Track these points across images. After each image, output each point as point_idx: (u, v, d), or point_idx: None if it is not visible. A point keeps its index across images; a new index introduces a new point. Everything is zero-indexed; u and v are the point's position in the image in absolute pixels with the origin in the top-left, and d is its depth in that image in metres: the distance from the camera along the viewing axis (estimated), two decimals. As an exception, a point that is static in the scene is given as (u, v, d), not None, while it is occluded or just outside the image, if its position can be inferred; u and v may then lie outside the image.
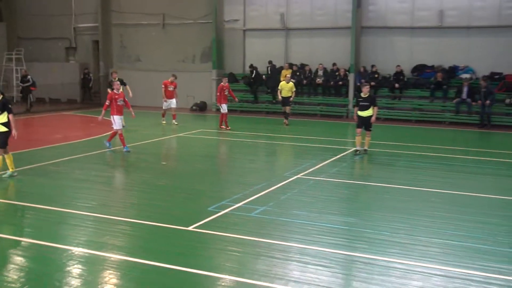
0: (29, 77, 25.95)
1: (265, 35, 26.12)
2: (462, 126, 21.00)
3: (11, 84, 29.23)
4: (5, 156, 11.69)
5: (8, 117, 11.48)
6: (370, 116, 14.53)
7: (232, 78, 25.96)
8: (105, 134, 18.76)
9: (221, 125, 19.73)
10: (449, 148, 16.13)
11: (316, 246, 7.89)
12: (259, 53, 25.95)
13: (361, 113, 14.57)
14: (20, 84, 26.01)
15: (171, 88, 20.98)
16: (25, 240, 8.25)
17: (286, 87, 20.11)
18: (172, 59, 27.42)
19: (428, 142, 17.23)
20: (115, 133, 15.01)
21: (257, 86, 25.27)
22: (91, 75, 28.30)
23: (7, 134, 11.55)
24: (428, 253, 7.57)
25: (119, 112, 14.91)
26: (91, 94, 29.20)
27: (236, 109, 24.82)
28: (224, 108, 19.71)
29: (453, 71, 22.49)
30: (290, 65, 24.63)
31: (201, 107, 26.09)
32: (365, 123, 14.56)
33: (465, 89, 21.23)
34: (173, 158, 15.18)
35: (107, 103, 14.92)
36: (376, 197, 10.86)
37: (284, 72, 22.98)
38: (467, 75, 21.92)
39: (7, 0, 31.28)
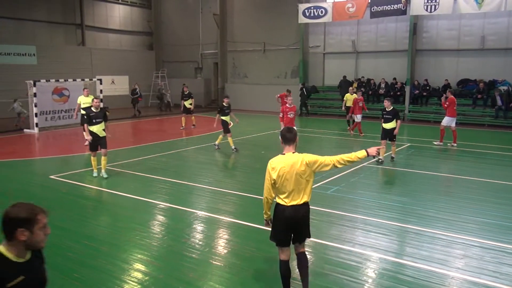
0: (137, 90, 24.90)
1: (340, 57, 25.52)
2: (499, 128, 19.44)
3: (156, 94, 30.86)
4: (94, 158, 10.55)
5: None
6: (393, 128, 12.28)
7: (314, 89, 25.76)
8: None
9: (356, 131, 17.60)
10: (487, 145, 15.01)
11: (376, 218, 7.67)
12: (334, 71, 25.43)
13: (385, 125, 12.43)
14: (130, 95, 25.00)
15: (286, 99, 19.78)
16: (164, 204, 8.67)
17: (350, 98, 17.97)
18: (269, 76, 27.57)
19: (469, 140, 16.10)
20: None
21: (304, 100, 24.58)
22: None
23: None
24: (467, 228, 7.12)
25: (289, 123, 12.39)
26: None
27: (316, 112, 24.71)
28: (358, 118, 17.29)
29: (492, 84, 20.87)
30: (357, 80, 23.98)
31: (291, 111, 26.02)
32: (388, 134, 12.39)
33: (498, 98, 19.66)
34: (269, 148, 15.22)
35: (280, 116, 12.75)
36: (425, 182, 10.33)
37: (354, 84, 22.40)
38: (504, 87, 20.29)
39: (156, 35, 32.88)
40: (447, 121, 14.83)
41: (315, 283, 5.41)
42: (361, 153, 4.89)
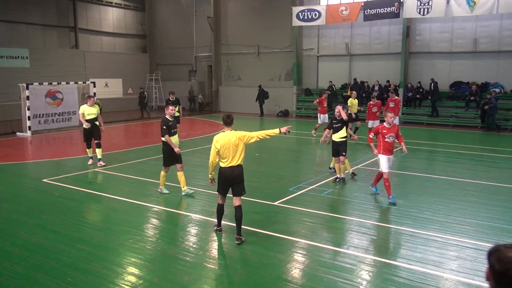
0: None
1: (333, 59, 25.63)
2: (492, 130, 19.54)
3: (151, 96, 30.68)
4: (165, 174, 9.55)
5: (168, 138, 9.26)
6: (343, 140, 9.99)
7: (308, 92, 25.86)
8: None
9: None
10: (480, 147, 15.10)
11: (371, 221, 7.68)
12: (328, 74, 25.50)
13: (334, 137, 10.11)
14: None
15: (325, 104, 17.25)
16: (158, 207, 8.63)
17: (355, 103, 16.02)
18: (263, 78, 27.53)
19: (463, 142, 16.21)
20: (380, 175, 8.95)
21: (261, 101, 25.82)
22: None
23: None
24: (462, 230, 7.15)
25: (387, 151, 8.81)
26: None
27: (310, 115, 24.72)
28: (370, 123, 15.31)
29: (485, 86, 21.03)
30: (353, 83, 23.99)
31: (285, 114, 26.06)
32: (338, 148, 10.06)
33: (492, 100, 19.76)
34: (263, 151, 15.16)
35: (370, 136, 9.14)
36: (420, 185, 10.37)
37: (349, 88, 22.41)
38: (496, 90, 20.45)
39: (150, 38, 32.84)
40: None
41: (310, 286, 5.40)
42: (276, 130, 6.87)
